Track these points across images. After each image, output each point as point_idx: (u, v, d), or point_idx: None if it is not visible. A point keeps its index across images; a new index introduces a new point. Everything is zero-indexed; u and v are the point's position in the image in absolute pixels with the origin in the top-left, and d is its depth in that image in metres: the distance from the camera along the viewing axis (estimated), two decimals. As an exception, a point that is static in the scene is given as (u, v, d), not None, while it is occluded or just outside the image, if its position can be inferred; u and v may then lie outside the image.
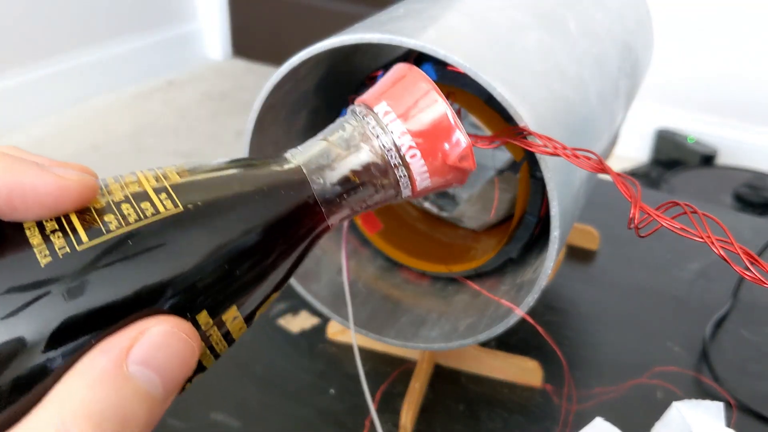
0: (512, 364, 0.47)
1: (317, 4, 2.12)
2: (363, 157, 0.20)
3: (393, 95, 0.20)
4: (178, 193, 0.19)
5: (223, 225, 0.18)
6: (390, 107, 0.20)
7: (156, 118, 1.90)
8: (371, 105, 0.20)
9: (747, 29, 1.55)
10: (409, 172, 0.20)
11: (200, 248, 0.18)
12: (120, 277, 0.17)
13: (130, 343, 0.16)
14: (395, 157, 0.20)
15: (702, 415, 0.33)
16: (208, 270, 0.18)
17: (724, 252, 0.23)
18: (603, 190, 0.63)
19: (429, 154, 0.20)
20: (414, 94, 0.20)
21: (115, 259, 0.17)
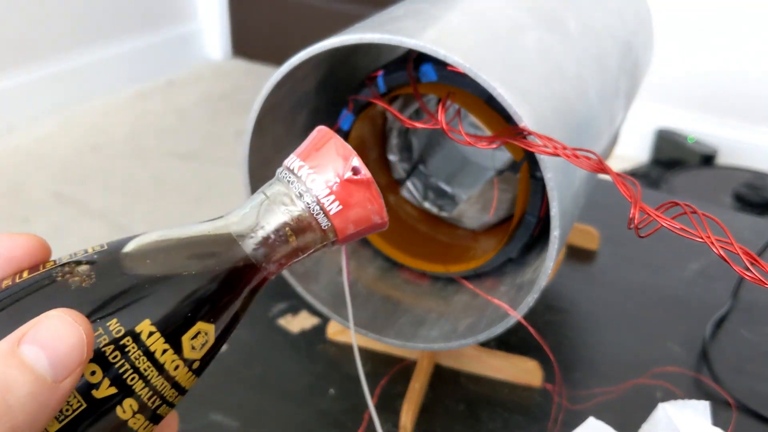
0: (512, 364, 0.47)
1: (317, 4, 2.12)
2: (284, 213, 0.22)
3: (304, 153, 0.22)
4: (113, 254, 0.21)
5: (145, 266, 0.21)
6: (300, 159, 0.22)
7: (156, 118, 1.90)
8: (288, 165, 0.22)
9: (747, 29, 1.55)
10: (318, 202, 0.22)
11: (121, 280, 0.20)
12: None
13: (27, 329, 0.18)
14: (304, 193, 0.22)
15: (689, 415, 0.33)
16: (122, 286, 0.20)
17: (724, 252, 0.23)
18: (603, 190, 0.63)
19: (322, 173, 0.22)
20: (317, 143, 0.22)
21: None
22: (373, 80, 0.40)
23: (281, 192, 0.22)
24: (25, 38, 1.78)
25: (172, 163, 1.66)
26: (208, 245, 0.22)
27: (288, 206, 0.22)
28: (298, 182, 0.22)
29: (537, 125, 0.32)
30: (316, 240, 0.22)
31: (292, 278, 0.43)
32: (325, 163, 0.22)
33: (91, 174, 1.60)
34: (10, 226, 1.40)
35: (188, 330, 0.20)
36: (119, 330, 0.19)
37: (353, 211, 0.22)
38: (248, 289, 0.22)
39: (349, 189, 0.22)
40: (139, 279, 0.20)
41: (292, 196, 0.22)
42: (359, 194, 0.22)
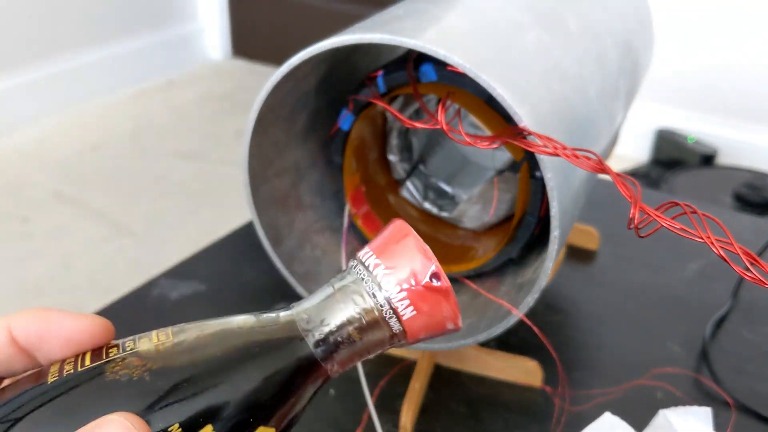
0: (512, 364, 0.47)
1: (317, 4, 2.12)
2: (353, 311, 0.21)
3: (379, 249, 0.21)
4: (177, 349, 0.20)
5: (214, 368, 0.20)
6: (375, 255, 0.21)
7: (156, 118, 1.90)
8: (362, 259, 0.21)
9: (747, 28, 1.55)
10: (392, 306, 0.20)
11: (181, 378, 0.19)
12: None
13: (88, 430, 0.18)
14: (377, 294, 0.20)
15: (691, 421, 0.33)
16: (179, 393, 0.19)
17: (724, 252, 0.23)
18: (603, 190, 0.63)
19: (404, 283, 0.20)
20: (394, 238, 0.21)
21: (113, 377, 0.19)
22: (373, 80, 0.40)
23: (352, 288, 0.21)
24: (25, 38, 1.78)
25: (173, 163, 1.66)
26: (271, 340, 0.21)
27: (357, 305, 0.20)
28: (371, 280, 0.20)
29: (537, 125, 0.32)
30: (384, 342, 0.21)
31: (292, 278, 0.43)
32: (403, 264, 0.20)
33: (91, 174, 1.60)
34: (10, 225, 1.40)
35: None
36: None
37: (427, 317, 0.21)
38: (311, 390, 0.21)
39: (426, 296, 0.20)
40: (201, 377, 0.19)
41: (363, 293, 0.20)
42: (436, 302, 0.21)
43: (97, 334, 0.21)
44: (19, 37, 1.77)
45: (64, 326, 0.21)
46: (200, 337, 0.20)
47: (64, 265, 1.29)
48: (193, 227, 1.42)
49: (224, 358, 0.20)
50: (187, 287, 0.56)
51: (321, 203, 0.47)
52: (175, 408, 0.19)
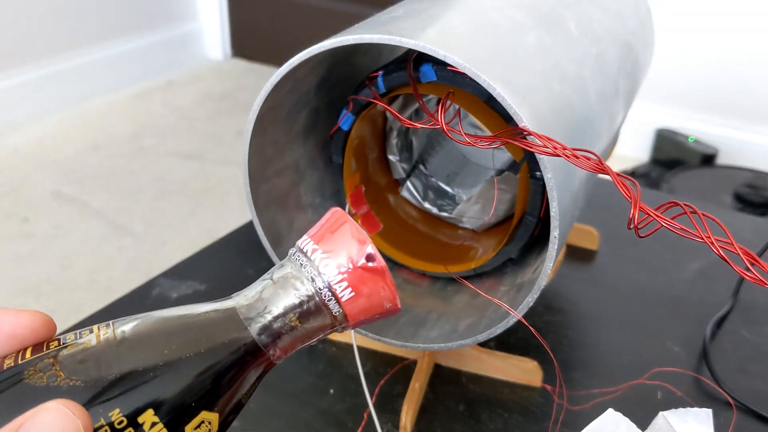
0: (512, 364, 0.47)
1: (317, 4, 2.12)
2: (294, 297, 0.21)
3: (318, 236, 0.22)
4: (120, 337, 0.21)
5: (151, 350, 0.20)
6: (313, 242, 0.22)
7: (156, 118, 1.90)
8: (301, 247, 0.22)
9: (747, 28, 1.55)
10: (330, 287, 0.21)
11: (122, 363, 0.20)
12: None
13: (23, 420, 0.18)
14: (316, 278, 0.21)
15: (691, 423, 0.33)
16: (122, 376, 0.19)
17: (725, 252, 0.23)
18: (603, 190, 0.63)
19: (335, 258, 0.21)
20: (331, 226, 0.22)
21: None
22: (372, 80, 0.40)
23: (292, 275, 0.21)
24: (25, 38, 1.78)
25: (172, 163, 1.66)
26: (213, 327, 0.21)
27: (298, 290, 0.21)
28: (310, 266, 0.21)
29: (537, 125, 0.32)
30: (326, 325, 0.22)
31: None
32: (339, 248, 0.21)
33: (91, 174, 1.60)
34: (10, 225, 1.40)
35: (192, 420, 0.20)
36: (121, 421, 0.19)
37: (365, 298, 0.21)
38: (254, 375, 0.21)
39: (363, 276, 0.21)
40: (142, 365, 0.20)
41: (303, 279, 0.21)
42: (372, 282, 0.21)
43: (38, 328, 0.21)
44: (19, 37, 1.77)
45: (5, 322, 0.21)
46: (141, 327, 0.21)
47: (64, 265, 1.29)
48: (193, 227, 1.42)
49: (166, 346, 0.20)
50: (187, 287, 0.56)
51: (321, 203, 0.47)
52: (115, 394, 0.19)
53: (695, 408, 0.34)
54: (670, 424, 0.34)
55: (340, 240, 0.21)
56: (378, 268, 0.21)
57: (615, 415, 0.34)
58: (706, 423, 0.34)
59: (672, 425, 0.33)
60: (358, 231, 0.21)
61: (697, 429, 0.33)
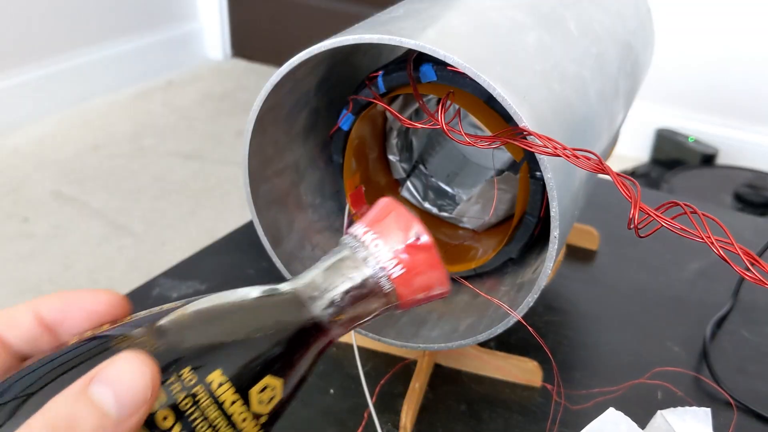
0: (512, 364, 0.47)
1: (317, 4, 2.12)
2: (350, 279, 0.23)
3: (370, 222, 0.24)
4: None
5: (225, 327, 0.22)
6: (364, 226, 0.23)
7: (156, 118, 1.90)
8: (352, 231, 0.24)
9: (747, 28, 1.55)
10: (384, 269, 0.23)
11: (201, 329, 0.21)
12: None
13: (99, 369, 0.19)
14: (372, 260, 0.23)
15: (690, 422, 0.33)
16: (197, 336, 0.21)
17: (725, 252, 0.23)
18: (603, 190, 0.63)
19: (385, 239, 0.23)
20: (381, 212, 0.24)
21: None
22: (372, 80, 0.40)
23: (346, 257, 0.23)
24: (25, 38, 1.78)
25: (173, 163, 1.66)
26: (277, 308, 0.23)
27: (353, 273, 0.23)
28: (362, 248, 0.23)
29: (537, 125, 0.32)
30: (380, 304, 0.23)
31: (292, 278, 0.43)
32: (389, 230, 0.23)
33: (91, 174, 1.60)
34: (10, 225, 1.40)
35: (257, 383, 0.21)
36: (191, 379, 0.20)
37: (415, 275, 0.23)
38: (315, 350, 0.23)
39: (412, 254, 0.23)
40: (213, 334, 0.21)
41: (357, 261, 0.23)
42: (421, 259, 0.23)
43: (115, 306, 0.23)
44: (19, 37, 1.77)
45: (85, 300, 0.22)
46: (211, 305, 0.22)
47: (64, 265, 1.29)
48: (193, 227, 1.42)
49: (237, 321, 0.22)
50: (187, 287, 0.56)
51: (321, 203, 0.47)
52: (188, 355, 0.20)
53: (694, 407, 0.34)
54: (668, 423, 0.34)
55: (389, 223, 0.23)
56: (425, 245, 0.23)
57: (616, 414, 0.34)
58: (704, 422, 0.34)
59: (671, 424, 0.33)
60: (406, 214, 0.23)
61: (695, 428, 0.33)
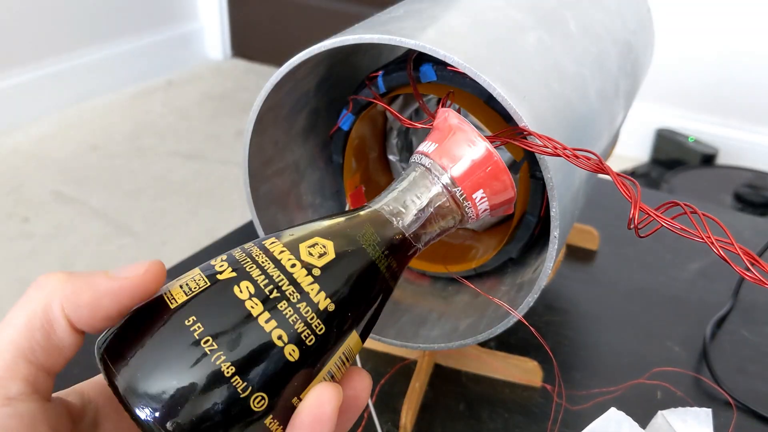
0: (512, 364, 0.47)
1: (317, 4, 2.12)
2: (427, 197, 0.25)
3: (438, 139, 0.25)
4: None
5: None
6: (432, 143, 0.25)
7: (156, 118, 1.90)
8: (427, 154, 0.25)
9: (747, 28, 1.55)
10: (468, 197, 0.24)
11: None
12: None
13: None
14: (451, 187, 0.24)
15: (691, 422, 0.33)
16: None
17: (725, 252, 0.23)
18: (603, 190, 0.63)
19: (454, 155, 0.24)
20: (447, 128, 0.25)
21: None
22: (372, 80, 0.40)
23: (419, 177, 0.25)
24: (25, 38, 1.78)
25: (173, 163, 1.66)
26: (367, 224, 0.24)
27: (428, 189, 0.24)
28: (433, 166, 0.24)
29: (537, 125, 0.32)
30: (456, 217, 0.25)
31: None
32: (456, 146, 0.24)
33: (91, 174, 1.60)
34: (10, 225, 1.40)
35: (306, 240, 0.23)
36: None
37: (484, 186, 0.24)
38: (406, 262, 0.24)
39: (480, 166, 0.24)
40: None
41: (430, 178, 0.24)
42: (489, 171, 0.24)
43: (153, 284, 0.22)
44: (19, 37, 1.77)
45: (114, 286, 0.22)
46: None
47: (64, 265, 1.29)
48: (193, 227, 1.42)
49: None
50: (187, 287, 0.56)
51: (321, 203, 0.47)
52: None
53: (695, 407, 0.34)
54: (669, 423, 0.34)
55: (457, 138, 0.24)
56: (492, 157, 0.24)
57: (617, 414, 0.34)
58: (705, 422, 0.34)
59: (671, 424, 0.33)
60: (471, 129, 0.24)
61: (696, 428, 0.33)
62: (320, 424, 0.21)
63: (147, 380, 0.20)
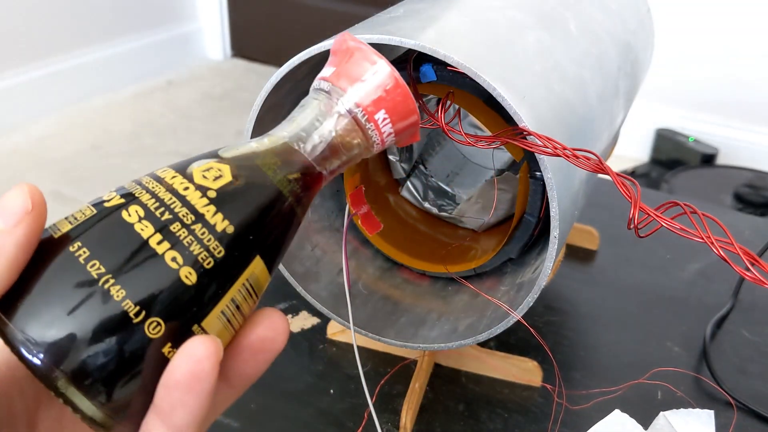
0: (512, 364, 0.47)
1: (317, 4, 2.12)
2: (329, 121, 0.24)
3: (337, 62, 0.25)
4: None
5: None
6: (332, 66, 0.24)
7: (156, 118, 1.90)
8: (326, 78, 0.24)
9: (747, 28, 1.55)
10: (370, 119, 0.24)
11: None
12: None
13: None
14: (352, 108, 0.24)
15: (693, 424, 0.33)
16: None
17: (724, 252, 0.23)
18: (603, 190, 0.63)
19: (354, 81, 0.24)
20: (354, 60, 0.25)
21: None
22: (373, 80, 0.40)
23: (322, 104, 0.24)
24: (25, 38, 1.78)
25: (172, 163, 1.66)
26: (277, 155, 0.23)
27: (329, 111, 0.24)
28: (332, 89, 0.24)
29: (537, 125, 0.32)
30: (360, 143, 0.24)
31: (292, 278, 0.43)
32: (355, 66, 0.24)
33: (91, 174, 1.60)
34: (10, 226, 1.40)
35: (200, 166, 0.22)
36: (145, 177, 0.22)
37: (387, 107, 0.24)
38: (312, 192, 0.24)
39: (381, 86, 0.24)
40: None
41: (329, 102, 0.24)
42: (390, 90, 0.24)
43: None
44: (19, 37, 1.77)
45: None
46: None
47: (64, 265, 1.29)
48: (193, 227, 1.42)
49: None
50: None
51: (321, 203, 0.47)
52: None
53: (697, 409, 0.34)
54: (671, 424, 0.34)
55: (354, 59, 0.24)
56: (389, 73, 0.24)
57: (621, 416, 0.34)
58: (707, 424, 0.34)
59: (673, 425, 0.33)
60: (370, 51, 0.24)
61: (698, 430, 0.33)
62: (198, 382, 0.19)
63: (33, 319, 0.19)
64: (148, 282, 0.19)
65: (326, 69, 0.24)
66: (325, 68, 0.25)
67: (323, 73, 0.25)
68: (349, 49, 0.24)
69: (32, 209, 0.20)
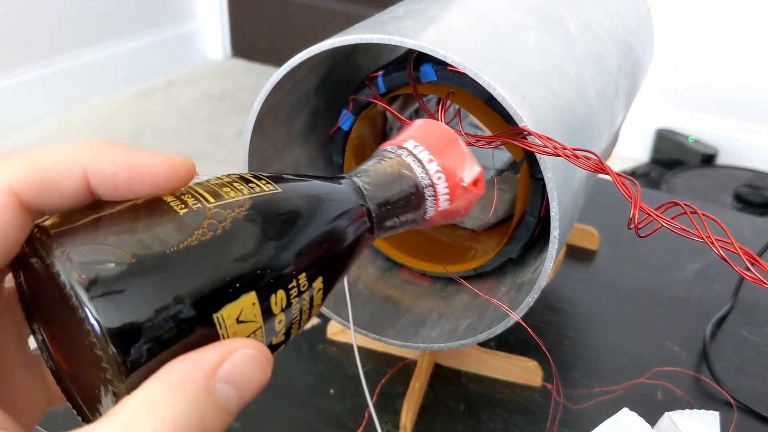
0: (512, 364, 0.47)
1: (317, 4, 2.12)
2: (402, 182, 0.24)
3: (419, 136, 0.25)
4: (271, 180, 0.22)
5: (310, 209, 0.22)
6: (418, 143, 0.25)
7: (156, 118, 1.90)
8: (402, 143, 0.25)
9: (747, 28, 1.55)
10: (435, 192, 0.24)
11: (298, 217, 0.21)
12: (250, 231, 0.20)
13: (219, 360, 0.17)
14: (425, 178, 0.24)
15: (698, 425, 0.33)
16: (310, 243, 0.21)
17: (724, 252, 0.23)
18: (603, 190, 0.63)
19: (450, 178, 0.25)
20: (437, 133, 0.25)
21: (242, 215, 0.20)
22: (372, 80, 0.40)
23: (406, 168, 0.24)
24: (25, 38, 1.78)
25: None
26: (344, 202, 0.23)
27: (410, 184, 0.24)
28: (422, 169, 0.24)
29: (537, 125, 0.32)
30: (414, 219, 0.25)
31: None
32: (452, 162, 0.25)
33: (91, 174, 1.60)
34: (10, 226, 1.40)
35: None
36: (304, 284, 0.21)
37: (455, 208, 0.25)
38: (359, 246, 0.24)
39: (464, 193, 0.25)
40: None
41: (417, 176, 0.24)
42: (465, 199, 0.25)
43: (189, 174, 0.20)
44: (19, 37, 1.77)
45: (154, 169, 0.19)
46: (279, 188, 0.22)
47: (64, 265, 1.29)
48: (193, 227, 1.42)
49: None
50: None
51: (321, 203, 0.47)
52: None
53: (702, 410, 0.34)
54: (676, 425, 0.34)
55: (452, 153, 0.25)
56: (477, 191, 0.25)
57: (630, 414, 0.34)
58: (712, 425, 0.34)
59: (678, 426, 0.33)
60: (469, 155, 0.25)
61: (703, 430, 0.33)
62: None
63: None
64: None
65: (410, 141, 0.25)
66: (410, 140, 0.25)
67: (408, 144, 0.25)
68: (442, 134, 0.25)
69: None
